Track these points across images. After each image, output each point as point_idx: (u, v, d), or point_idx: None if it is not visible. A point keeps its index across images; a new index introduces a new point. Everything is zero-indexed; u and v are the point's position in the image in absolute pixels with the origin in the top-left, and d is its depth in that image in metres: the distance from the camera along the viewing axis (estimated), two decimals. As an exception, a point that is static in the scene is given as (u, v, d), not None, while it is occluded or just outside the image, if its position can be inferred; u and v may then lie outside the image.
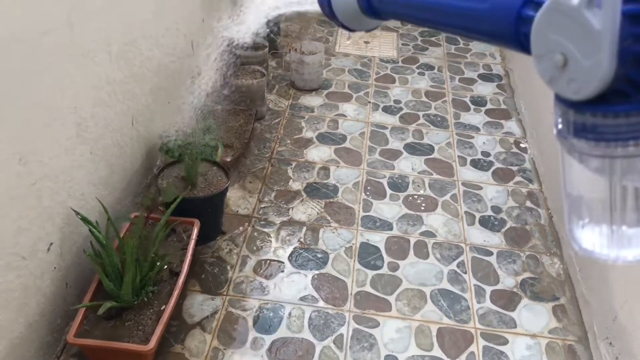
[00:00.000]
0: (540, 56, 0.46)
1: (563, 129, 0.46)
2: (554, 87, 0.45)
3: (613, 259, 0.47)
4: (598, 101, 0.43)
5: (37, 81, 1.33)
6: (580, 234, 0.49)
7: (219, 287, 1.86)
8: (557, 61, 0.44)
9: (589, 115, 0.44)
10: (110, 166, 1.80)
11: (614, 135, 0.43)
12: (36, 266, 1.42)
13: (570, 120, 0.45)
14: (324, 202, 2.23)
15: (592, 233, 0.48)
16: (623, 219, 0.47)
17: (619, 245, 0.47)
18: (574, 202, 0.50)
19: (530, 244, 2.11)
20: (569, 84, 0.44)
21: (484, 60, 3.34)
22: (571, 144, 0.46)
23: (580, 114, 0.44)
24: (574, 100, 0.44)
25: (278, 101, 2.84)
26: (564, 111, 0.46)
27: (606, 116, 0.43)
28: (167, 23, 2.15)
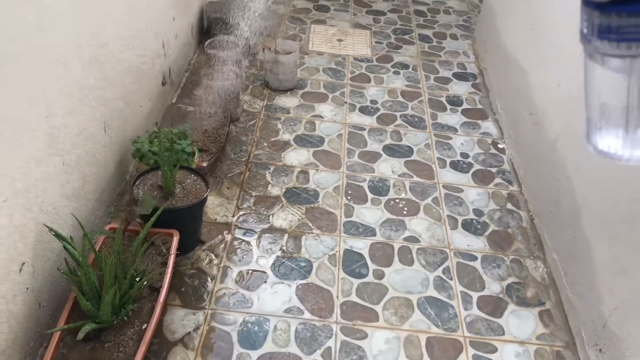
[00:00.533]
0: None
1: (588, 32, 0.48)
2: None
3: (627, 158, 0.51)
4: (624, 2, 0.45)
5: (5, 91, 1.23)
6: (597, 137, 0.52)
7: (200, 300, 1.78)
8: None
9: (614, 16, 0.46)
10: (83, 176, 1.70)
11: (636, 35, 0.46)
12: (8, 289, 1.32)
13: (595, 22, 0.47)
14: (305, 208, 2.17)
15: (608, 135, 0.51)
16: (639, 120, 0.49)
17: (632, 146, 0.50)
18: (592, 107, 0.52)
19: (514, 247, 2.09)
20: None
21: (457, 58, 3.33)
22: (595, 47, 0.48)
23: (606, 15, 0.46)
24: (600, 1, 0.46)
25: (253, 102, 2.76)
26: (589, 14, 0.47)
27: (630, 16, 0.45)
28: (139, 23, 2.06)
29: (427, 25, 3.70)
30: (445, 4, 4.02)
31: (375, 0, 3.98)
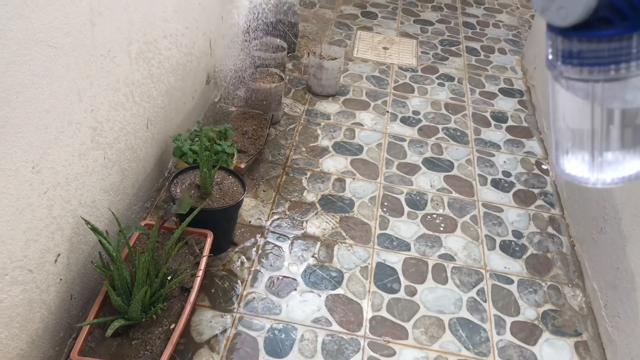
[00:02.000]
0: None
1: (552, 57, 0.51)
2: (545, 16, 0.49)
3: (593, 182, 0.52)
4: (584, 27, 0.47)
5: (56, 84, 1.24)
6: (565, 160, 0.54)
7: (229, 303, 1.77)
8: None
9: (575, 41, 0.48)
10: (123, 171, 1.71)
11: (596, 60, 0.48)
12: (43, 279, 1.34)
13: (558, 47, 0.50)
14: (339, 217, 2.15)
15: (575, 159, 0.53)
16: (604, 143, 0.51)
17: (598, 169, 0.52)
18: (560, 131, 0.54)
19: (552, 273, 2.03)
20: (558, 12, 0.48)
21: (505, 74, 3.26)
22: (559, 71, 0.50)
23: (568, 40, 0.49)
24: (562, 27, 0.48)
25: (294, 106, 2.75)
26: (553, 40, 0.50)
27: (590, 41, 0.47)
28: (187, 21, 2.06)
29: (475, 38, 3.63)
30: (495, 17, 3.94)
31: (424, 10, 3.94)
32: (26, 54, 1.11)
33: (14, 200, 1.16)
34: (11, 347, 1.26)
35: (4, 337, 1.22)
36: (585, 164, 0.53)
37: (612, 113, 0.51)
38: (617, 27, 0.47)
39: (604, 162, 0.53)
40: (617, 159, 0.53)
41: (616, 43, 0.47)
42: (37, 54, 1.15)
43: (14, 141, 1.12)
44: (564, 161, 0.55)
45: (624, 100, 0.50)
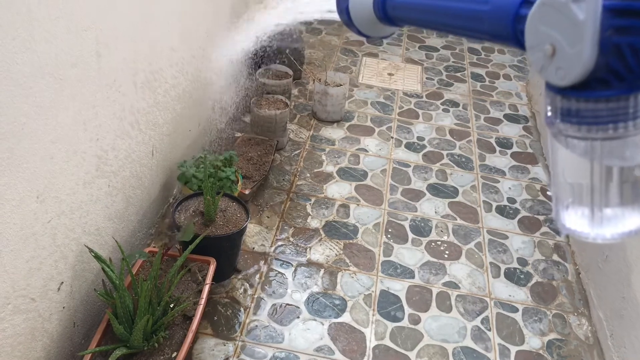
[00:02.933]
0: (533, 47, 0.52)
1: (551, 115, 0.51)
2: (544, 75, 0.51)
3: (593, 237, 0.52)
4: (582, 87, 0.48)
5: (62, 115, 1.26)
6: (565, 214, 0.54)
7: (231, 331, 1.77)
8: (547, 50, 0.49)
9: (573, 101, 0.49)
10: (127, 198, 1.72)
11: (595, 119, 0.49)
12: (45, 307, 1.34)
13: (557, 105, 0.51)
14: (343, 243, 2.15)
15: (575, 214, 0.53)
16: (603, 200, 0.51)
17: (598, 225, 0.52)
18: (559, 186, 0.55)
19: (557, 301, 2.01)
20: (557, 72, 0.49)
21: (510, 99, 3.27)
22: (558, 128, 0.51)
23: (566, 99, 0.50)
24: (561, 87, 0.49)
25: (299, 131, 2.77)
26: (552, 98, 0.51)
27: (588, 101, 0.48)
28: (194, 50, 2.09)
29: (480, 64, 3.66)
30: (500, 43, 3.96)
31: (429, 36, 3.97)
32: (32, 86, 1.13)
33: (18, 229, 1.17)
34: (12, 376, 1.26)
35: (6, 366, 1.23)
36: (585, 219, 0.53)
37: (611, 170, 0.52)
38: (614, 88, 0.48)
39: (604, 218, 0.53)
40: (616, 214, 0.53)
41: (614, 103, 0.48)
42: (43, 85, 1.17)
43: (18, 172, 1.13)
44: (564, 216, 0.55)
45: (623, 157, 0.51)
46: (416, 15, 0.72)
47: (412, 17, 0.74)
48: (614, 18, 0.46)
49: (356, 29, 0.81)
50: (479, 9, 0.59)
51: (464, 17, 0.62)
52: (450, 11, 0.64)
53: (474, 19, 0.61)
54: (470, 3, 0.61)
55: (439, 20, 0.67)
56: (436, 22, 0.69)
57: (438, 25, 0.69)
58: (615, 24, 0.46)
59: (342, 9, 0.80)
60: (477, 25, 0.61)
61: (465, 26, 0.63)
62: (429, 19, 0.69)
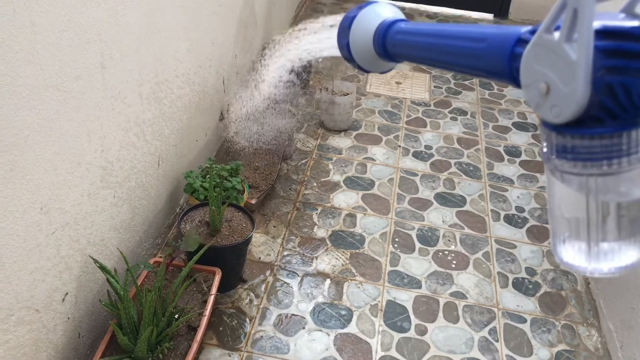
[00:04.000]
0: (528, 85, 0.53)
1: (547, 151, 0.53)
2: (539, 112, 0.52)
3: (590, 271, 0.53)
4: (576, 125, 0.50)
5: (66, 127, 1.27)
6: (562, 248, 0.55)
7: (236, 341, 1.76)
8: (542, 89, 0.51)
9: (568, 137, 0.50)
10: (133, 209, 1.73)
11: (589, 155, 0.50)
12: (50, 318, 1.35)
13: (553, 142, 0.52)
14: (350, 253, 2.14)
15: (572, 248, 0.54)
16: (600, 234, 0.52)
17: (595, 259, 0.53)
18: (556, 220, 0.56)
19: (566, 311, 1.99)
20: (551, 109, 0.50)
21: (518, 107, 3.25)
22: (554, 164, 0.52)
23: (562, 136, 0.51)
24: (555, 124, 0.51)
25: (306, 140, 2.77)
26: (548, 134, 0.52)
27: (583, 138, 0.50)
28: (200, 60, 2.10)
29: (488, 72, 3.64)
30: (508, 51, 3.95)
31: (437, 44, 3.96)
32: (36, 99, 1.14)
33: (22, 241, 1.18)
34: (16, 387, 1.26)
35: (10, 377, 1.23)
36: (582, 253, 0.54)
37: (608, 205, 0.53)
38: (608, 125, 0.49)
39: (600, 252, 0.54)
40: (613, 249, 0.54)
41: (607, 140, 0.49)
42: (47, 98, 1.18)
43: (22, 183, 1.14)
44: (561, 249, 0.56)
45: (618, 192, 0.52)
46: (415, 52, 0.74)
47: (411, 55, 0.76)
48: (606, 58, 0.47)
49: (357, 65, 0.83)
50: (476, 46, 0.61)
51: (461, 54, 0.64)
52: (448, 49, 0.66)
53: (471, 57, 0.62)
54: (468, 41, 0.63)
55: (437, 58, 0.70)
56: (435, 60, 0.71)
57: (436, 63, 0.71)
58: (607, 64, 0.47)
59: (343, 44, 0.82)
60: (474, 63, 0.62)
61: (462, 63, 0.65)
62: (428, 56, 0.72)
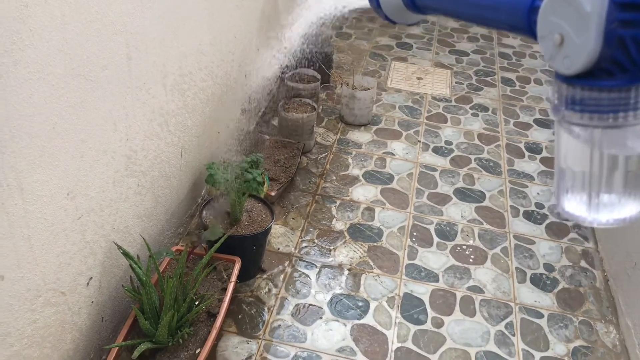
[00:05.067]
0: (543, 37, 0.55)
1: (557, 103, 0.55)
2: (552, 63, 0.54)
3: (589, 221, 0.56)
4: (587, 77, 0.51)
5: (92, 115, 1.31)
6: (565, 198, 0.58)
7: (255, 329, 1.80)
8: (556, 40, 0.53)
9: (578, 89, 0.52)
10: (156, 198, 1.77)
11: (597, 107, 0.52)
12: (75, 301, 1.39)
13: (563, 93, 0.54)
14: (367, 246, 2.16)
15: (574, 199, 0.57)
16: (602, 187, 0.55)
17: (595, 210, 0.56)
18: (561, 171, 0.58)
19: (584, 308, 1.98)
20: (564, 60, 0.52)
21: (540, 104, 3.24)
22: (563, 115, 0.55)
23: (572, 87, 0.53)
24: (567, 75, 0.53)
25: (326, 135, 2.79)
26: (559, 86, 0.54)
27: (592, 90, 0.51)
28: (223, 54, 2.14)
29: (511, 69, 3.63)
30: (532, 48, 3.93)
31: (460, 40, 3.96)
32: (64, 87, 1.18)
33: (49, 225, 1.22)
34: (42, 366, 1.31)
35: (36, 356, 1.27)
36: (583, 204, 0.57)
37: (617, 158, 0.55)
38: (617, 78, 0.51)
39: (600, 204, 0.56)
40: (613, 201, 0.56)
41: (615, 93, 0.51)
42: (75, 87, 1.22)
43: (50, 169, 1.18)
44: (564, 200, 0.59)
45: (624, 146, 0.54)
46: (440, 4, 0.78)
47: (438, 6, 0.79)
48: (620, 11, 0.48)
49: (384, 15, 0.86)
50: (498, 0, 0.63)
51: (483, 7, 0.67)
52: (472, 1, 0.69)
53: (492, 9, 0.65)
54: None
55: (462, 10, 0.73)
56: (459, 12, 0.74)
57: (461, 14, 0.74)
58: (620, 17, 0.48)
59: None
60: (495, 16, 0.65)
61: (485, 16, 0.68)
62: (452, 8, 0.75)
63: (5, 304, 1.13)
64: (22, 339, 1.21)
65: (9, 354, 1.17)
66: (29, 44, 1.05)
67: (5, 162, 1.04)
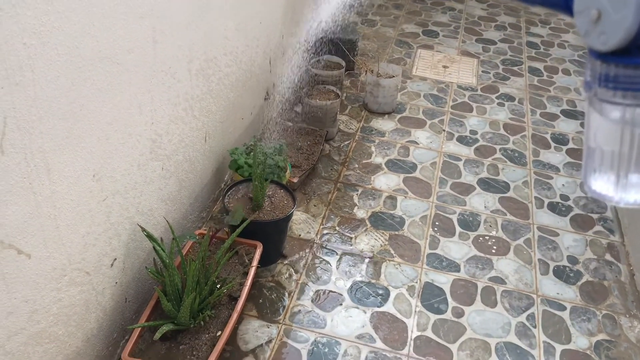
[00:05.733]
0: (580, 12, 0.54)
1: (591, 80, 0.54)
2: (587, 39, 0.53)
3: (617, 200, 0.56)
4: (622, 54, 0.50)
5: (118, 98, 1.32)
6: (592, 178, 0.58)
7: (275, 314, 1.81)
8: (593, 15, 0.51)
9: (612, 66, 0.51)
10: (180, 182, 1.79)
11: (630, 85, 0.51)
12: (99, 281, 1.41)
13: (597, 70, 0.53)
14: (389, 234, 2.15)
15: (602, 178, 0.57)
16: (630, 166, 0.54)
17: (622, 190, 0.55)
18: (590, 150, 0.58)
19: (608, 302, 1.96)
20: (599, 37, 0.51)
21: (568, 95, 3.18)
22: (595, 92, 0.54)
23: (606, 64, 0.52)
24: (602, 52, 0.52)
25: (349, 122, 2.78)
26: (593, 63, 0.53)
27: (627, 67, 0.51)
28: (248, 39, 2.14)
29: (538, 58, 3.57)
30: (560, 37, 3.86)
31: (487, 29, 3.90)
32: (91, 70, 1.19)
33: (75, 205, 1.24)
34: (68, 344, 1.34)
35: (62, 334, 1.30)
36: (611, 184, 0.56)
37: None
38: None
39: (629, 184, 0.56)
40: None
41: None
42: (102, 69, 1.23)
43: (76, 151, 1.20)
44: (592, 179, 0.58)
45: None
46: None
47: None
48: None
49: None
50: None
51: None
52: None
53: None
54: None
55: None
56: None
57: None
58: None
59: None
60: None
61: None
62: None
63: (32, 282, 1.15)
64: (48, 317, 1.24)
65: (36, 330, 1.20)
66: (57, 26, 1.06)
67: (33, 142, 1.06)
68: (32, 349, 1.20)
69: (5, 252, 1.06)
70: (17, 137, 1.02)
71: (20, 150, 1.03)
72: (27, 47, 0.99)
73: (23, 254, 1.10)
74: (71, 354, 1.36)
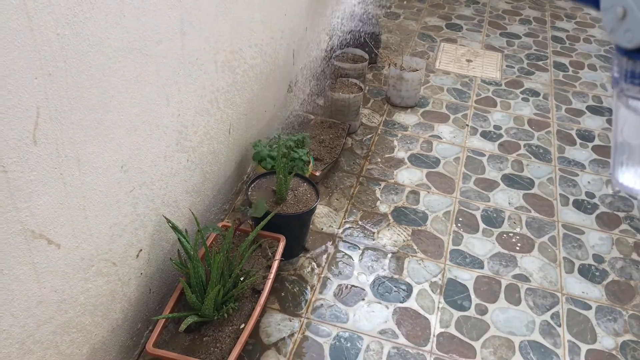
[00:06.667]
0: (606, 9, 0.54)
1: (617, 76, 0.55)
2: (613, 36, 0.54)
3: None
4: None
5: (147, 89, 1.32)
6: (620, 172, 0.59)
7: (297, 307, 1.81)
8: (618, 13, 0.52)
9: (638, 63, 0.52)
10: (204, 174, 1.79)
11: None
12: (125, 272, 1.42)
13: (623, 67, 0.54)
14: (412, 229, 2.14)
15: (629, 172, 0.58)
16: None
17: None
18: (618, 144, 0.58)
19: (635, 302, 1.93)
20: (625, 34, 0.52)
21: (594, 90, 3.13)
22: (622, 88, 0.55)
23: (632, 61, 0.53)
24: (627, 49, 0.53)
25: (372, 116, 2.76)
26: (619, 59, 0.54)
27: None
28: (273, 32, 2.13)
29: (564, 53, 3.51)
30: (586, 32, 3.80)
31: (512, 23, 3.85)
32: (121, 61, 1.19)
33: (103, 196, 1.24)
34: (94, 333, 1.34)
35: (88, 323, 1.31)
36: (638, 177, 0.58)
37: None
38: None
39: None
40: None
41: None
42: (131, 60, 1.23)
43: (105, 142, 1.20)
44: (619, 172, 0.60)
45: None
46: None
47: None
48: None
49: None
50: None
51: None
52: None
53: None
54: None
55: None
56: None
57: None
58: None
59: None
60: None
61: None
62: None
63: (61, 271, 1.16)
64: (76, 307, 1.24)
65: (64, 320, 1.21)
66: (89, 16, 1.06)
67: (64, 133, 1.06)
68: (60, 338, 1.21)
69: (36, 242, 1.06)
70: (49, 128, 1.02)
71: (52, 141, 1.04)
72: (60, 38, 0.99)
73: (53, 244, 1.11)
74: (97, 343, 1.37)
